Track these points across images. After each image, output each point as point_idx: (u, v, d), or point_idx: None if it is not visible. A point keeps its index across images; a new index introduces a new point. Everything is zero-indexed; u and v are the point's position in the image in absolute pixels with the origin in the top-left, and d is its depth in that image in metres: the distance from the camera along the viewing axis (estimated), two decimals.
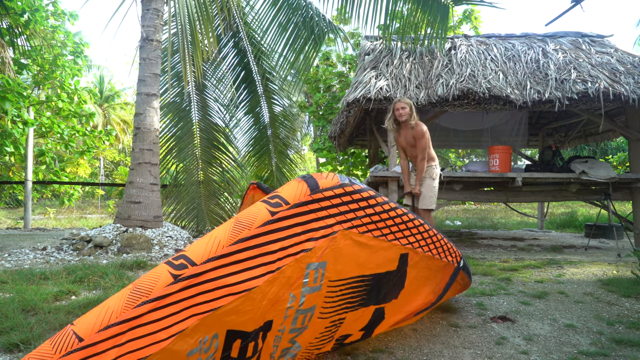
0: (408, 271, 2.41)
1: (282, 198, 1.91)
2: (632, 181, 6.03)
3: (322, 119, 10.92)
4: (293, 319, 1.97)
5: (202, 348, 1.72)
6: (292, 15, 6.37)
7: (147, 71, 4.49)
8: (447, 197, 6.16)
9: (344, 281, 2.11)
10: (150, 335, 1.60)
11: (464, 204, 17.07)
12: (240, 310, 1.78)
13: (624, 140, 12.61)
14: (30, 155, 8.90)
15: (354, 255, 2.11)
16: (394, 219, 2.23)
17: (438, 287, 2.70)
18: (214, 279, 1.72)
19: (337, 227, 2.01)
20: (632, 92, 5.33)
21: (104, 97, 23.64)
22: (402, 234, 2.30)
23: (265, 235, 1.83)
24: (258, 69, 7.97)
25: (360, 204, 2.09)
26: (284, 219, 1.87)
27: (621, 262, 4.89)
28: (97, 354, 1.54)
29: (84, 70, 11.64)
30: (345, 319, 2.21)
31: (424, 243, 2.44)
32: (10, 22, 7.47)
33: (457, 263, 2.73)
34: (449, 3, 5.45)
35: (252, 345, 1.87)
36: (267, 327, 1.90)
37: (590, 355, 2.36)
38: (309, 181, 1.97)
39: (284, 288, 1.89)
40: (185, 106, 7.95)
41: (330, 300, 2.09)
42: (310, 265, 1.94)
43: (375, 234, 2.17)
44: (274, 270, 1.84)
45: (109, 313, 1.60)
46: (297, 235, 1.90)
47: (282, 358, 2.07)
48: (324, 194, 1.97)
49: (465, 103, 5.47)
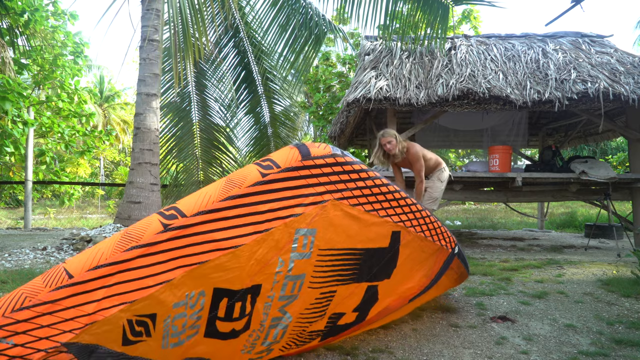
0: (400, 250, 2.41)
1: (273, 161, 1.94)
2: (631, 181, 6.03)
3: (322, 119, 10.92)
4: (282, 285, 1.98)
5: (188, 303, 1.75)
6: (292, 16, 6.37)
7: (147, 71, 4.49)
8: (447, 197, 6.16)
9: (335, 251, 2.12)
10: (137, 280, 1.64)
11: (464, 204, 17.07)
12: (226, 266, 1.80)
13: (624, 140, 12.61)
14: (30, 155, 8.90)
15: (345, 226, 2.12)
16: (385, 194, 2.25)
17: (431, 271, 2.69)
18: (202, 232, 1.75)
19: (328, 196, 2.04)
20: (632, 92, 5.33)
21: (104, 97, 23.64)
22: (394, 211, 2.32)
23: (254, 195, 1.86)
24: (258, 69, 7.97)
25: (352, 176, 2.12)
26: (274, 181, 1.90)
27: (621, 262, 4.89)
28: (85, 291, 1.57)
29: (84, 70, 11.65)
30: (337, 292, 2.20)
31: (416, 223, 2.46)
32: (10, 22, 7.47)
33: (451, 249, 2.74)
34: (449, 3, 5.45)
35: (239, 306, 1.89)
36: (256, 290, 1.92)
37: (590, 355, 2.37)
38: (301, 148, 2.00)
39: (272, 251, 1.91)
40: (186, 106, 7.95)
41: (320, 270, 2.09)
42: (299, 231, 1.96)
43: (367, 207, 2.19)
44: (262, 231, 1.86)
45: (99, 254, 1.63)
46: (286, 199, 1.93)
47: (274, 329, 2.07)
48: (314, 162, 2.00)
49: (465, 103, 5.47)
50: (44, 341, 1.49)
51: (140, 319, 1.64)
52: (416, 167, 4.15)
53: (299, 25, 6.37)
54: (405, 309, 2.83)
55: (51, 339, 1.50)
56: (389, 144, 4.11)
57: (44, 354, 1.48)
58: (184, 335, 1.79)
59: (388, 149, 4.11)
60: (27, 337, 1.47)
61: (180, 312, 1.74)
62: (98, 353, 1.59)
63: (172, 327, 1.73)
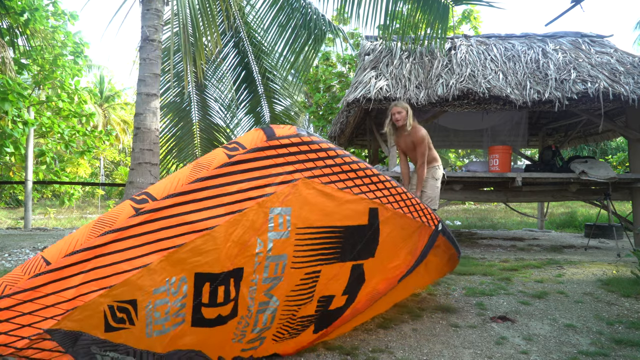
0: (381, 228, 2.43)
1: (239, 143, 1.99)
2: (631, 181, 6.03)
3: (322, 119, 10.92)
4: (264, 267, 2.00)
5: (169, 289, 1.77)
6: (292, 15, 6.36)
7: (147, 71, 4.48)
8: (447, 197, 6.16)
9: (313, 229, 2.14)
10: (114, 264, 1.67)
11: (464, 204, 17.06)
12: (203, 249, 1.82)
13: (623, 140, 12.60)
14: (30, 155, 8.90)
15: (320, 204, 2.15)
16: (356, 171, 2.28)
17: (416, 248, 2.70)
18: (174, 215, 1.78)
19: (298, 174, 2.07)
20: (632, 92, 5.33)
21: (104, 97, 23.63)
22: (368, 188, 2.34)
23: (223, 177, 1.90)
24: (258, 69, 7.96)
25: (320, 154, 2.15)
26: (241, 162, 1.94)
27: (621, 262, 4.89)
28: (64, 277, 1.60)
29: (84, 70, 11.64)
30: (321, 272, 2.21)
31: (393, 200, 2.48)
32: (10, 22, 7.47)
33: (434, 226, 2.75)
34: (449, 3, 5.44)
35: (223, 290, 1.90)
36: (238, 274, 1.93)
37: (590, 355, 2.37)
38: (265, 129, 2.06)
39: (249, 232, 1.93)
40: (186, 106, 7.94)
41: (301, 250, 2.11)
42: (273, 210, 1.99)
43: (340, 185, 2.22)
44: (235, 212, 1.89)
45: (74, 241, 1.67)
46: (255, 179, 1.96)
47: (262, 314, 2.08)
48: (280, 142, 2.03)
49: (465, 103, 5.47)
50: (27, 328, 1.51)
51: (121, 305, 1.67)
52: (420, 149, 4.11)
53: (299, 25, 6.37)
54: (397, 293, 2.82)
55: (33, 326, 1.52)
56: (398, 114, 4.05)
57: (27, 342, 1.50)
58: (168, 324, 1.80)
59: (396, 118, 4.06)
60: (10, 325, 1.49)
61: (161, 298, 1.75)
62: (82, 340, 1.61)
63: (154, 314, 1.75)
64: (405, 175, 4.47)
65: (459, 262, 4.59)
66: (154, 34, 4.48)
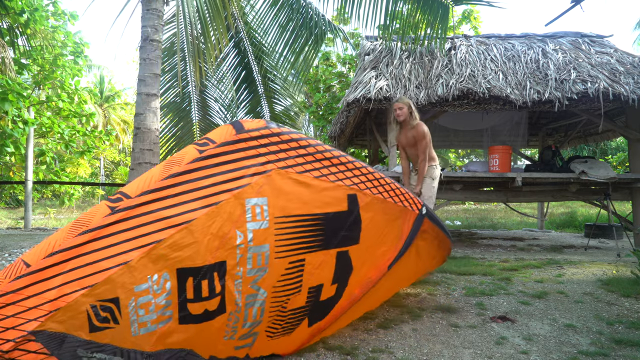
0: (362, 214, 2.44)
1: (209, 139, 2.03)
2: (631, 181, 6.03)
3: (322, 119, 10.92)
4: (247, 258, 2.00)
5: (152, 286, 1.78)
6: (292, 15, 6.36)
7: (147, 71, 4.48)
8: (447, 197, 6.16)
9: (292, 218, 2.15)
10: (93, 263, 1.68)
11: (464, 204, 17.06)
12: (182, 243, 1.84)
13: (623, 140, 12.61)
14: (30, 155, 8.90)
15: (297, 193, 2.17)
16: (330, 159, 2.32)
17: (402, 232, 2.70)
18: (149, 211, 1.81)
19: (271, 165, 2.10)
20: (632, 92, 5.33)
21: (104, 97, 23.62)
22: (345, 175, 2.37)
23: (195, 172, 1.93)
24: (259, 69, 7.96)
25: (291, 145, 2.19)
26: (212, 156, 1.98)
27: (621, 262, 4.89)
28: (45, 279, 1.62)
29: (84, 71, 11.65)
30: (306, 260, 2.21)
31: (370, 185, 2.50)
32: (10, 22, 7.47)
33: (418, 210, 2.76)
34: (449, 3, 5.44)
35: (207, 284, 1.91)
36: (221, 267, 1.94)
37: (590, 355, 2.37)
38: (234, 124, 2.09)
39: (227, 224, 1.95)
40: (186, 106, 7.95)
41: (282, 239, 2.12)
42: (249, 201, 2.01)
43: (315, 174, 2.25)
44: (211, 204, 1.91)
45: (53, 242, 1.70)
46: (228, 172, 1.99)
47: (251, 307, 2.07)
48: (249, 134, 2.07)
49: (465, 103, 5.47)
50: (11, 331, 1.53)
51: (104, 304, 1.68)
52: (422, 144, 4.14)
53: (299, 25, 6.36)
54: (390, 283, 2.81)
55: (17, 328, 1.53)
56: (399, 110, 4.10)
57: (12, 344, 1.51)
58: (154, 321, 1.80)
59: (397, 114, 4.10)
60: None
61: (144, 295, 1.76)
62: (68, 343, 1.62)
63: (138, 311, 1.76)
64: (406, 172, 4.47)
65: (461, 263, 4.61)
66: (154, 34, 4.48)
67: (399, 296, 3.42)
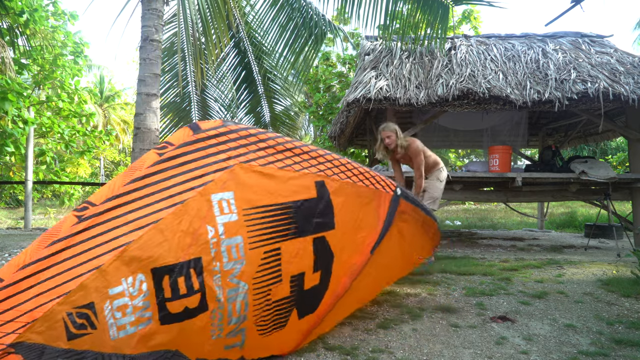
0: (333, 199, 2.43)
1: (168, 142, 2.07)
2: (631, 181, 6.03)
3: (322, 119, 10.92)
4: (222, 252, 2.02)
5: (127, 288, 1.79)
6: (292, 15, 6.36)
7: (147, 71, 4.48)
8: (447, 197, 6.16)
9: (261, 209, 2.17)
10: (66, 271, 1.71)
11: (464, 204, 17.06)
12: (153, 242, 1.86)
13: (624, 140, 12.61)
14: (30, 155, 8.90)
15: (262, 184, 2.20)
16: (292, 149, 2.35)
17: (378, 215, 2.69)
18: (116, 216, 1.84)
19: (232, 161, 2.13)
20: (632, 92, 5.33)
21: (104, 97, 23.63)
22: (309, 164, 2.38)
23: (157, 174, 1.97)
24: (259, 69, 7.96)
25: (250, 139, 2.22)
26: (172, 158, 2.01)
27: (621, 262, 4.89)
28: (19, 292, 1.64)
29: (84, 71, 11.65)
30: (282, 249, 2.21)
31: (338, 171, 2.50)
32: (10, 22, 7.47)
33: (392, 191, 2.75)
34: (449, 3, 5.44)
35: (183, 281, 1.91)
36: (197, 264, 1.95)
37: (590, 355, 2.37)
38: (191, 125, 2.14)
39: (196, 220, 1.98)
40: (186, 106, 7.95)
41: (254, 229, 2.13)
42: (215, 196, 2.04)
43: (279, 165, 2.28)
44: (177, 203, 1.94)
45: (24, 255, 1.72)
46: (190, 171, 2.03)
47: (234, 302, 2.06)
48: (207, 134, 2.11)
49: (465, 103, 5.47)
50: None
51: (80, 311, 1.69)
52: (416, 161, 4.16)
53: (299, 25, 6.36)
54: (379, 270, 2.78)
55: None
56: (388, 139, 4.15)
57: None
58: (132, 323, 1.80)
59: (387, 143, 4.14)
60: None
61: (120, 297, 1.78)
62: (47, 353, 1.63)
63: (114, 314, 1.76)
64: (400, 179, 4.49)
65: (461, 263, 4.61)
66: (154, 34, 4.48)
67: (399, 296, 3.42)
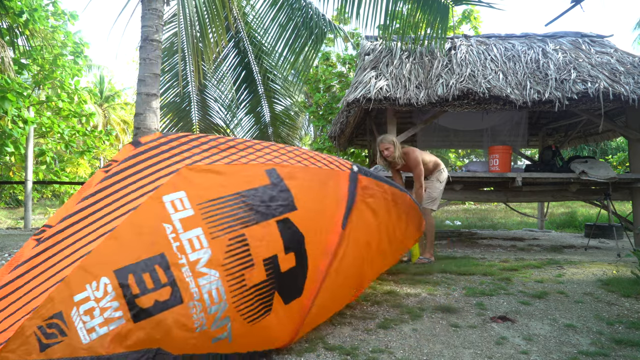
0: (287, 183, 2.47)
1: (113, 160, 2.21)
2: (632, 181, 6.03)
3: (322, 119, 10.92)
4: (184, 245, 2.07)
5: (92, 293, 1.86)
6: (292, 15, 6.36)
7: (147, 71, 4.48)
8: (447, 197, 6.15)
9: (215, 201, 2.23)
10: (32, 290, 1.81)
11: (464, 204, 17.07)
12: (112, 248, 1.96)
13: (624, 140, 12.61)
14: (30, 155, 8.90)
15: (212, 180, 2.27)
16: (235, 146, 2.44)
17: (339, 192, 2.70)
18: (73, 232, 1.97)
19: (177, 165, 2.24)
20: (632, 92, 5.33)
21: (104, 97, 23.63)
22: (255, 155, 2.46)
23: (106, 189, 2.10)
24: (259, 69, 7.96)
25: (192, 144, 2.35)
26: (118, 173, 2.17)
27: (621, 262, 4.89)
28: None
29: (84, 70, 11.64)
30: (246, 235, 2.24)
31: (286, 158, 2.56)
32: (9, 22, 7.47)
33: (348, 169, 2.78)
34: (449, 3, 5.45)
35: (149, 276, 1.96)
36: (162, 260, 2.02)
37: (590, 355, 2.37)
38: (133, 141, 2.28)
39: (152, 221, 2.08)
40: (185, 106, 7.95)
41: (212, 220, 2.18)
42: (166, 197, 2.14)
43: (226, 161, 2.36)
44: (130, 210, 2.04)
45: None
46: (137, 181, 2.15)
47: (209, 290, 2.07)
48: (148, 146, 2.26)
49: (465, 103, 5.47)
50: None
51: (50, 322, 1.77)
52: (416, 172, 4.20)
53: (299, 25, 6.36)
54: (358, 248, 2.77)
55: None
56: (386, 150, 4.21)
57: None
58: (102, 324, 1.84)
59: (386, 155, 4.20)
60: None
61: (85, 302, 1.83)
62: None
63: (82, 318, 1.82)
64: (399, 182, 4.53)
65: (461, 263, 4.61)
66: (154, 34, 4.48)
67: (399, 296, 3.43)
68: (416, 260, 4.68)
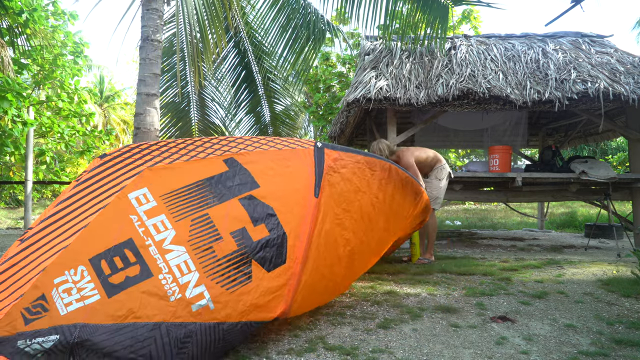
0: (247, 167, 2.65)
1: (85, 171, 2.56)
2: (632, 181, 6.03)
3: (322, 119, 10.92)
4: (149, 229, 2.35)
5: (70, 277, 2.16)
6: (292, 16, 6.36)
7: (147, 71, 4.47)
8: (447, 197, 6.15)
9: (177, 191, 2.50)
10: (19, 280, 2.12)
11: (464, 204, 17.05)
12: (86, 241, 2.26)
13: (624, 140, 12.61)
14: (30, 155, 8.89)
15: (173, 176, 2.54)
16: (193, 143, 2.69)
17: (305, 167, 2.76)
18: (51, 231, 2.29)
19: (140, 167, 2.53)
20: (632, 92, 5.33)
21: (104, 97, 23.62)
22: (213, 149, 2.68)
23: (78, 194, 2.43)
24: (259, 69, 7.96)
25: (152, 149, 2.63)
26: (87, 180, 2.50)
27: (621, 262, 4.89)
28: None
29: (84, 70, 11.64)
30: (209, 214, 2.44)
31: (243, 146, 2.74)
32: (9, 21, 7.46)
33: (312, 146, 2.85)
34: (448, 3, 5.44)
35: (119, 259, 2.24)
36: (130, 244, 2.29)
37: (590, 355, 2.37)
38: (100, 156, 2.61)
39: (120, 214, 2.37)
40: (185, 106, 7.95)
41: (175, 206, 2.44)
42: (131, 195, 2.44)
43: (184, 159, 2.62)
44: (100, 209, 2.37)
45: None
46: (105, 184, 2.47)
47: (177, 264, 2.26)
48: (112, 156, 2.60)
49: (465, 103, 5.47)
50: None
51: (35, 303, 2.07)
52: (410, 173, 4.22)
53: (299, 26, 6.36)
54: (339, 214, 2.78)
55: None
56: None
57: None
58: (78, 300, 2.10)
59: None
60: None
61: (64, 283, 2.13)
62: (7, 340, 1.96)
63: (61, 295, 2.10)
64: None
65: (461, 263, 4.61)
66: (154, 34, 4.48)
67: (399, 296, 3.43)
68: (416, 260, 4.68)
